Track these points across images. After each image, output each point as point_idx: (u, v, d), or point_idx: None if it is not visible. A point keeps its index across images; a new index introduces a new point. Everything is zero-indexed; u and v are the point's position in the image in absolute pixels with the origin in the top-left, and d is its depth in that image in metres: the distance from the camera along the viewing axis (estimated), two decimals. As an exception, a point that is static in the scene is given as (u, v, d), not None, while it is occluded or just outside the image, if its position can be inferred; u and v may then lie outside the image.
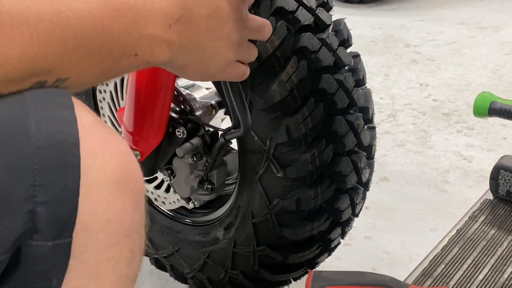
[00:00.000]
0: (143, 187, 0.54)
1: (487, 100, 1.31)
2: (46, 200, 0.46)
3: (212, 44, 0.66)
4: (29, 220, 0.46)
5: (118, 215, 0.50)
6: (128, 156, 0.52)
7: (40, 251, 0.47)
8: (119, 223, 0.51)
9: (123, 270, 0.52)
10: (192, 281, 1.25)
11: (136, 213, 0.52)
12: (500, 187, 1.37)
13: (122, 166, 0.50)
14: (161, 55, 0.59)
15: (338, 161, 1.01)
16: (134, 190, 0.52)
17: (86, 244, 0.49)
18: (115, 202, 0.50)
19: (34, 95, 0.49)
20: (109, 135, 0.51)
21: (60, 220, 0.47)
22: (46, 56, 0.48)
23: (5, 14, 0.45)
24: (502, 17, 3.24)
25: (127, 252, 0.52)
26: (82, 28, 0.50)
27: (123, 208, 0.51)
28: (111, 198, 0.50)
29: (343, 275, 1.05)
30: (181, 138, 1.08)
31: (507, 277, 1.15)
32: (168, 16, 0.58)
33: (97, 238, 0.49)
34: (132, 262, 0.53)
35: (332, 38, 0.99)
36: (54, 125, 0.47)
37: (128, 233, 0.51)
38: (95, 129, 0.50)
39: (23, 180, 0.45)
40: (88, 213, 0.48)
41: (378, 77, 2.56)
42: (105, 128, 0.52)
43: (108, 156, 0.50)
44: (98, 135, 0.50)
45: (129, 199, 0.51)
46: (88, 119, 0.50)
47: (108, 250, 0.50)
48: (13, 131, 0.46)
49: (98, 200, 0.49)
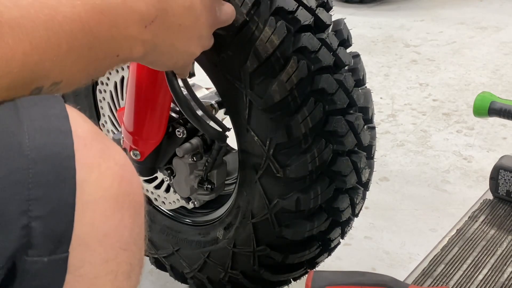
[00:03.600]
0: (142, 198, 0.53)
1: (487, 100, 1.31)
2: (41, 215, 0.45)
3: (182, 43, 0.68)
4: (24, 235, 0.45)
5: (116, 229, 0.49)
6: (125, 167, 0.51)
7: (36, 267, 0.46)
8: (117, 237, 0.50)
9: (122, 284, 0.51)
10: (192, 281, 1.25)
11: (135, 225, 0.51)
12: (500, 187, 1.37)
13: (119, 179, 0.50)
14: (136, 53, 0.60)
15: (338, 161, 1.01)
16: (132, 203, 0.51)
17: (83, 259, 0.48)
18: (112, 216, 0.49)
19: (28, 105, 0.48)
20: (105, 146, 0.50)
21: (56, 234, 0.46)
22: (44, 62, 0.48)
23: (4, 24, 0.45)
24: (502, 17, 3.24)
25: (125, 266, 0.51)
26: (73, 33, 0.50)
27: (121, 221, 0.50)
28: (109, 212, 0.49)
29: (343, 275, 1.05)
30: (181, 138, 1.08)
31: (507, 277, 1.15)
32: (145, 17, 0.59)
33: (95, 252, 0.48)
34: (131, 275, 0.52)
35: (332, 38, 0.99)
36: (48, 136, 0.46)
37: (126, 246, 0.51)
38: (91, 140, 0.49)
39: (17, 194, 0.44)
40: (84, 227, 0.47)
41: (378, 77, 2.56)
42: (101, 138, 0.51)
43: (105, 168, 0.49)
44: (94, 146, 0.49)
45: (127, 212, 0.50)
46: (83, 130, 0.49)
47: (106, 265, 0.49)
48: (6, 143, 0.45)
49: (95, 214, 0.48)
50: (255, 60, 0.94)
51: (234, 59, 0.96)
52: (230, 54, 0.96)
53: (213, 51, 0.97)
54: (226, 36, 0.94)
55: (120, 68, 1.19)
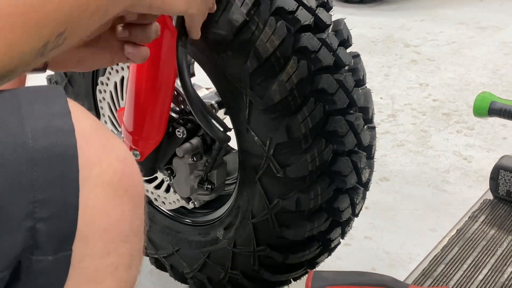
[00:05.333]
0: (142, 191, 0.53)
1: (487, 100, 1.31)
2: (46, 216, 0.45)
3: None
4: (29, 237, 0.45)
5: (116, 223, 0.50)
6: (126, 161, 0.51)
7: (41, 266, 0.46)
8: (118, 230, 0.50)
9: (122, 275, 0.52)
10: (192, 281, 1.25)
11: (135, 218, 0.52)
12: (500, 187, 1.37)
13: (120, 173, 0.50)
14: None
15: (338, 161, 1.01)
16: (132, 196, 0.51)
17: (84, 253, 0.48)
18: (113, 210, 0.49)
19: (30, 102, 0.48)
20: (107, 141, 0.50)
21: (60, 235, 0.46)
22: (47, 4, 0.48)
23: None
24: (502, 17, 3.24)
25: (126, 257, 0.51)
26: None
27: (121, 215, 0.50)
28: (109, 207, 0.49)
29: (343, 275, 1.05)
30: (181, 138, 1.08)
31: (507, 277, 1.15)
32: None
33: (95, 246, 0.49)
34: (131, 266, 0.52)
35: (332, 38, 0.99)
36: (51, 137, 0.46)
37: (126, 238, 0.51)
38: (93, 136, 0.49)
39: (23, 197, 0.45)
40: (85, 222, 0.48)
41: (378, 77, 2.56)
42: (103, 133, 0.51)
43: (106, 164, 0.49)
44: (96, 142, 0.49)
45: (128, 205, 0.51)
46: (85, 126, 0.49)
47: (107, 257, 0.50)
48: (10, 144, 0.45)
49: (96, 209, 0.48)
50: (255, 60, 0.94)
51: (234, 59, 0.96)
52: (230, 54, 0.96)
53: (213, 51, 0.97)
54: (226, 36, 0.94)
55: (120, 68, 1.19)
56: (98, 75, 1.24)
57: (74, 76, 1.26)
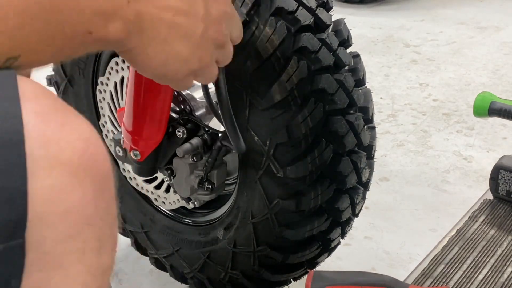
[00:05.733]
0: (108, 172, 0.50)
1: (487, 100, 1.32)
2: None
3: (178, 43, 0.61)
4: None
5: (78, 204, 0.47)
6: (89, 140, 0.48)
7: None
8: (80, 212, 0.48)
9: (92, 260, 0.49)
10: (192, 281, 1.25)
11: (100, 200, 0.49)
12: (500, 187, 1.37)
13: (80, 152, 0.47)
14: (113, 32, 0.55)
15: (338, 161, 1.01)
16: (96, 177, 0.49)
17: (45, 236, 0.46)
18: (72, 191, 0.47)
19: None
20: (67, 119, 0.48)
21: (9, 223, 0.44)
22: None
23: None
24: (502, 17, 3.24)
25: (93, 242, 0.49)
26: (23, 6, 0.47)
27: (83, 196, 0.48)
28: (68, 187, 0.47)
29: (343, 275, 1.05)
30: (181, 138, 1.08)
31: (507, 277, 1.15)
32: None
33: (56, 229, 0.47)
34: (101, 252, 0.50)
35: (332, 38, 0.99)
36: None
37: (91, 221, 0.48)
38: (50, 115, 0.47)
39: None
40: (42, 204, 0.45)
41: (378, 77, 2.56)
42: (63, 112, 0.48)
43: (65, 142, 0.47)
44: (54, 121, 0.47)
45: (90, 187, 0.48)
46: (41, 105, 0.47)
47: (71, 241, 0.48)
48: None
49: (53, 190, 0.46)
50: (255, 60, 0.94)
51: (234, 59, 0.96)
52: (230, 54, 0.95)
53: (213, 51, 0.97)
54: (226, 36, 0.94)
55: (120, 68, 1.19)
56: (98, 75, 1.24)
57: (74, 76, 1.26)
